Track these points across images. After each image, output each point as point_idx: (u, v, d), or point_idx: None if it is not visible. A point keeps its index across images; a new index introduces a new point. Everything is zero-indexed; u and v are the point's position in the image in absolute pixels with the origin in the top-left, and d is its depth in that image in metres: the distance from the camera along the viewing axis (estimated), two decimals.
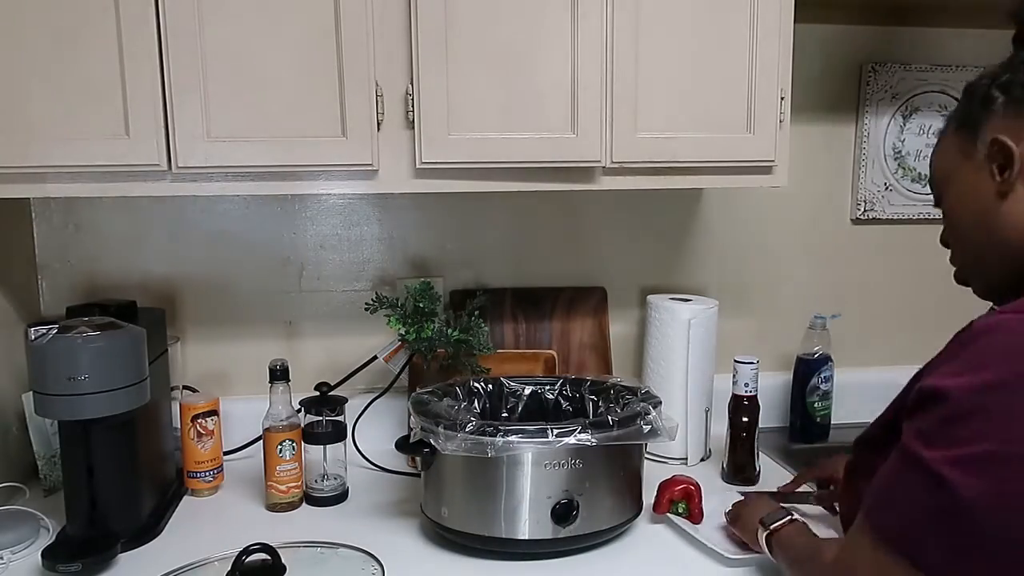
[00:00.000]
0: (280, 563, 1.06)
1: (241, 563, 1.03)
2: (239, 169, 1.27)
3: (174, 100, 1.22)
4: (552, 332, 1.72)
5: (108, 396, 1.15)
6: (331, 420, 1.44)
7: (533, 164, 1.33)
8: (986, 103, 0.82)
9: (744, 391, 1.50)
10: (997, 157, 0.80)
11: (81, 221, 1.59)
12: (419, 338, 1.48)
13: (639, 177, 1.38)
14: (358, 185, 1.33)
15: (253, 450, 1.56)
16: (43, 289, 1.60)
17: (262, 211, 1.64)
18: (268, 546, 1.06)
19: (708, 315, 1.59)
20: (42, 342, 1.13)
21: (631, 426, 1.19)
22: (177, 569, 1.13)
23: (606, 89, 1.32)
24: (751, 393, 1.50)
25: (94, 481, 1.21)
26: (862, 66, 1.79)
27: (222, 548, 1.16)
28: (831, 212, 1.86)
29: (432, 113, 1.27)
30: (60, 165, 1.22)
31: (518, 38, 1.29)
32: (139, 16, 1.19)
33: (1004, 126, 0.79)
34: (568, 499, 1.18)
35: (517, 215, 1.72)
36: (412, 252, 1.71)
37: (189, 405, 1.44)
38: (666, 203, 1.77)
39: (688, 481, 1.31)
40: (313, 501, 1.41)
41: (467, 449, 1.15)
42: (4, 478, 1.40)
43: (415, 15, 1.25)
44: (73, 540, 1.19)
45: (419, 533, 1.28)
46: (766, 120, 1.39)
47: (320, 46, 1.24)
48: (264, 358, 1.43)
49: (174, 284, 1.63)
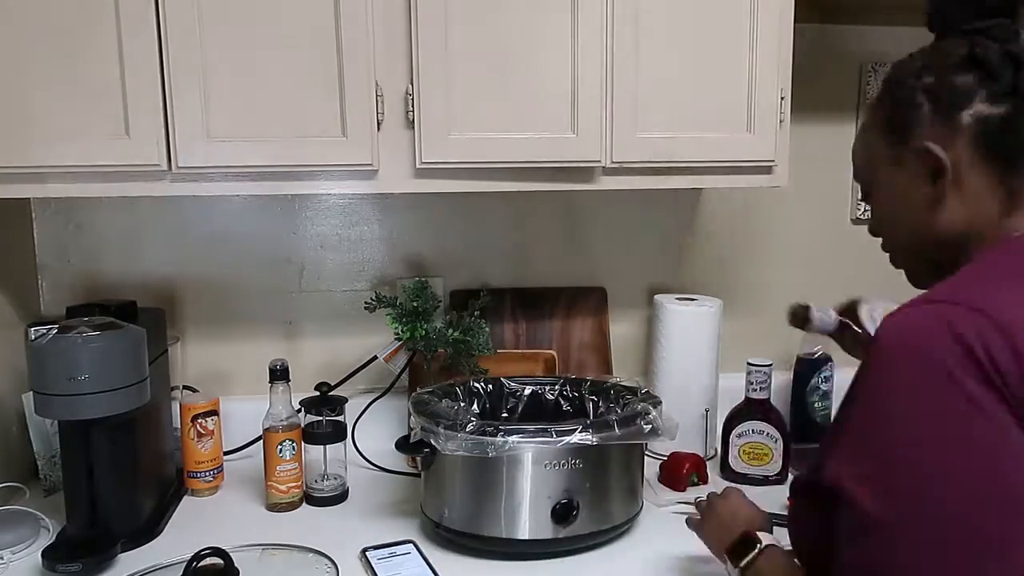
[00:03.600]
0: (233, 567, 1.06)
1: (192, 569, 1.03)
2: (239, 169, 1.27)
3: (174, 100, 1.22)
4: (552, 332, 1.72)
5: (108, 396, 1.15)
6: (331, 420, 1.44)
7: (533, 164, 1.33)
8: (912, 108, 0.81)
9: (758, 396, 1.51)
10: (928, 166, 0.79)
11: (81, 221, 1.59)
12: (414, 337, 1.48)
13: (639, 177, 1.38)
14: (358, 185, 1.33)
15: (253, 450, 1.56)
16: (43, 289, 1.60)
17: (262, 211, 1.64)
18: (221, 550, 1.06)
19: (711, 315, 1.60)
20: (42, 342, 1.13)
21: (631, 426, 1.19)
22: (132, 573, 1.14)
23: (606, 89, 1.32)
24: (763, 397, 1.51)
25: (94, 481, 1.21)
26: (862, 66, 1.79)
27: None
28: (831, 212, 1.86)
29: (432, 113, 1.27)
30: (60, 165, 1.22)
31: (518, 38, 1.29)
32: (139, 16, 1.19)
33: (933, 133, 0.79)
34: (568, 499, 1.18)
35: (517, 215, 1.72)
36: (412, 252, 1.71)
37: (189, 405, 1.44)
38: (666, 203, 1.77)
39: (687, 456, 1.39)
40: (313, 501, 1.41)
41: (467, 449, 1.15)
42: (4, 478, 1.40)
43: (415, 15, 1.25)
44: (73, 540, 1.19)
45: (419, 533, 1.28)
46: (766, 120, 1.39)
47: (320, 46, 1.24)
48: (264, 358, 1.43)
49: (174, 284, 1.63)
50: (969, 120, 0.77)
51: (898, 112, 0.82)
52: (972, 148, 0.78)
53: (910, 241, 0.86)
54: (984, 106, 0.77)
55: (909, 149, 0.81)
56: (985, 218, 0.79)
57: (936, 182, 0.79)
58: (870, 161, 0.88)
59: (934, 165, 0.79)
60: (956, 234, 0.80)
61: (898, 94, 0.83)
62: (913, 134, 0.81)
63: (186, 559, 1.05)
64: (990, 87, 0.77)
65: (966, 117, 0.77)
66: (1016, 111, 0.76)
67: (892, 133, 0.83)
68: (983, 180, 0.78)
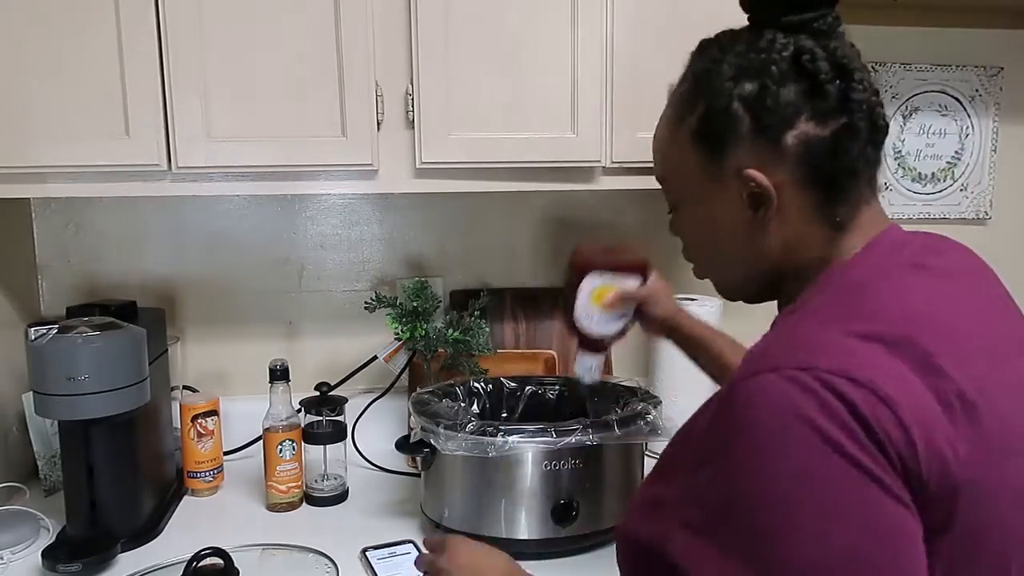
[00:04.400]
0: (233, 567, 1.06)
1: (192, 569, 1.03)
2: (239, 169, 1.27)
3: (174, 100, 1.22)
4: (552, 332, 1.72)
5: (108, 396, 1.15)
6: (331, 420, 1.44)
7: (533, 164, 1.33)
8: (729, 119, 0.70)
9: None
10: (749, 191, 0.70)
11: (81, 221, 1.59)
12: (414, 337, 1.48)
13: (639, 177, 1.38)
14: (358, 185, 1.33)
15: (253, 450, 1.56)
16: (43, 289, 1.60)
17: (262, 211, 1.64)
18: (221, 550, 1.06)
19: (711, 315, 1.59)
20: (42, 342, 1.13)
21: (631, 426, 1.19)
22: (132, 573, 1.14)
23: (606, 89, 1.32)
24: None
25: (94, 481, 1.21)
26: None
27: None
28: None
29: (432, 113, 1.27)
30: (60, 165, 1.22)
31: (518, 38, 1.29)
32: (139, 16, 1.19)
33: (754, 154, 0.69)
34: (568, 499, 1.18)
35: (517, 215, 1.72)
36: (412, 252, 1.71)
37: (189, 405, 1.44)
38: (666, 203, 1.77)
39: None
40: (313, 501, 1.41)
41: (467, 449, 1.15)
42: (4, 478, 1.40)
43: (415, 15, 1.25)
44: (73, 540, 1.19)
45: (419, 533, 1.28)
46: None
47: (320, 46, 1.24)
48: (264, 358, 1.43)
49: (174, 284, 1.63)
50: (794, 142, 0.68)
51: (712, 122, 0.71)
52: (794, 174, 0.69)
53: (723, 264, 0.79)
54: (810, 126, 0.68)
55: (725, 166, 0.71)
56: (807, 245, 0.71)
57: (759, 211, 0.70)
58: (679, 170, 0.77)
59: (757, 192, 0.69)
60: (774, 261, 0.72)
61: (712, 100, 0.71)
62: (730, 152, 0.70)
63: (186, 559, 1.05)
64: (816, 103, 0.68)
65: (791, 139, 0.68)
66: (844, 131, 0.68)
67: (705, 144, 0.72)
68: (806, 206, 0.70)
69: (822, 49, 0.69)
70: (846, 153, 0.69)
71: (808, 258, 0.71)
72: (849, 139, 0.68)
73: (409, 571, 1.15)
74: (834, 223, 0.70)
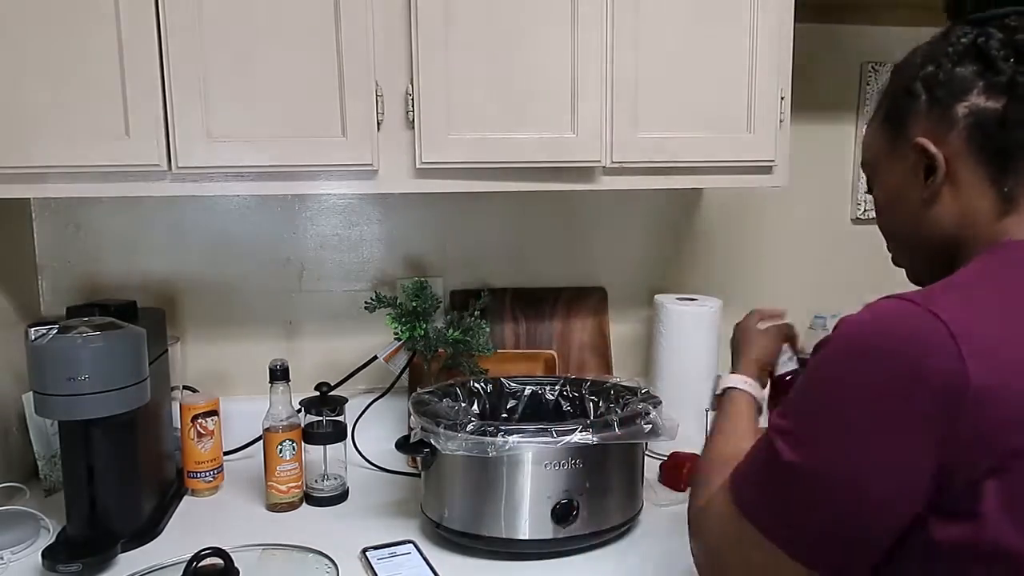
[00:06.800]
0: (233, 567, 1.06)
1: (192, 569, 1.03)
2: (239, 169, 1.27)
3: (174, 100, 1.22)
4: (552, 332, 1.72)
5: (108, 396, 1.15)
6: (331, 420, 1.44)
7: (533, 164, 1.33)
8: (910, 98, 0.77)
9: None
10: (921, 161, 0.76)
11: (81, 221, 1.59)
12: (414, 337, 1.48)
13: (639, 177, 1.38)
14: (358, 185, 1.33)
15: (253, 450, 1.56)
16: (43, 289, 1.60)
17: (262, 211, 1.64)
18: (221, 550, 1.06)
19: (711, 315, 1.60)
20: (42, 342, 1.13)
21: (631, 426, 1.19)
22: (132, 573, 1.14)
23: (606, 89, 1.32)
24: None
25: (94, 481, 1.21)
26: (862, 66, 1.79)
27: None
28: (831, 212, 1.86)
29: (432, 113, 1.27)
30: (60, 165, 1.22)
31: (518, 38, 1.29)
32: (139, 16, 1.19)
33: (927, 127, 0.76)
34: (568, 499, 1.18)
35: (517, 215, 1.72)
36: (412, 252, 1.71)
37: (189, 405, 1.44)
38: (666, 203, 1.77)
39: (687, 456, 1.40)
40: (313, 501, 1.41)
41: (467, 449, 1.15)
42: (4, 478, 1.40)
43: (415, 15, 1.25)
44: (73, 540, 1.19)
45: (419, 533, 1.28)
46: (766, 120, 1.39)
47: (320, 46, 1.24)
48: (264, 358, 1.43)
49: (174, 284, 1.63)
50: (964, 112, 0.73)
51: (897, 102, 0.79)
52: (966, 143, 0.74)
53: (906, 239, 0.83)
54: (981, 99, 0.73)
55: (904, 142, 0.78)
56: (978, 219, 0.75)
57: (929, 179, 0.76)
58: (872, 150, 0.85)
59: (928, 161, 0.76)
60: (948, 235, 0.77)
61: (899, 83, 0.79)
62: (908, 126, 0.78)
63: (186, 559, 1.04)
64: (988, 79, 0.73)
65: (961, 110, 0.73)
66: (1013, 106, 0.72)
67: (891, 123, 0.80)
68: (976, 178, 0.74)
69: (1003, 34, 0.74)
70: (1016, 126, 0.72)
71: (977, 235, 0.75)
72: (1020, 112, 0.72)
73: (409, 571, 1.16)
74: (1003, 195, 0.74)
